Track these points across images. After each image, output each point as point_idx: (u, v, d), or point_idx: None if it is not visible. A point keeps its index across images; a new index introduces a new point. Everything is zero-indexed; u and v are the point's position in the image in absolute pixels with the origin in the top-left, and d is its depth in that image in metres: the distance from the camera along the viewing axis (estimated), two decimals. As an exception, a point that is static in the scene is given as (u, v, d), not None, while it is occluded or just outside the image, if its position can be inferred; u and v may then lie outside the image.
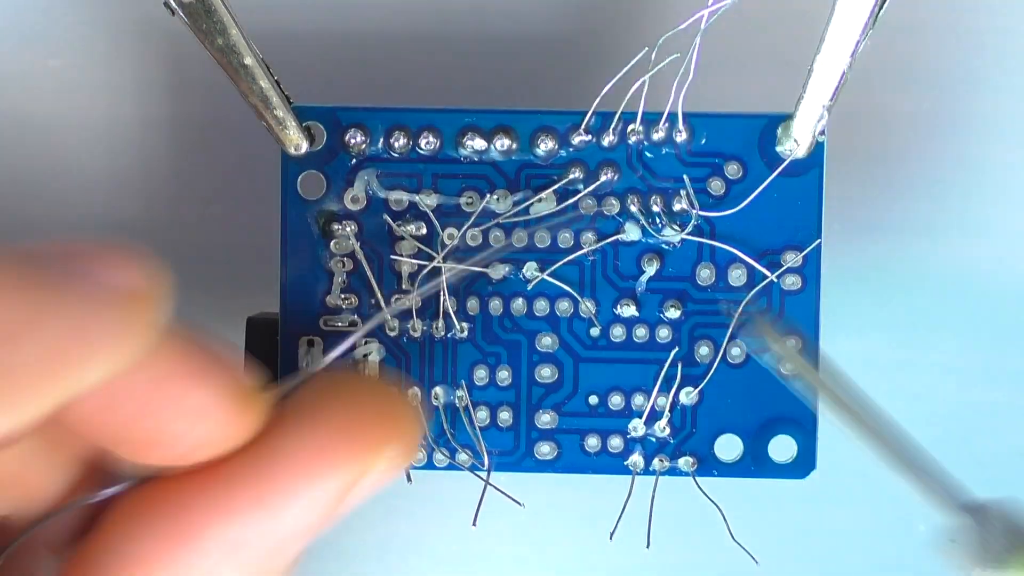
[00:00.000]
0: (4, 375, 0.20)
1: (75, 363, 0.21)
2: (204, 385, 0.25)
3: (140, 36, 0.35)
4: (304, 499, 0.25)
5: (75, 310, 0.21)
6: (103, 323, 0.21)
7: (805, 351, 0.31)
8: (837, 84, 0.29)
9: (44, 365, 0.21)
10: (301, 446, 0.26)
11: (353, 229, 0.32)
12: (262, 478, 0.25)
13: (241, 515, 0.25)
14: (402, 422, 0.27)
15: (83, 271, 0.21)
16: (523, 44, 0.35)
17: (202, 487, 0.25)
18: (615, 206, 0.32)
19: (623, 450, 0.33)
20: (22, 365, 0.20)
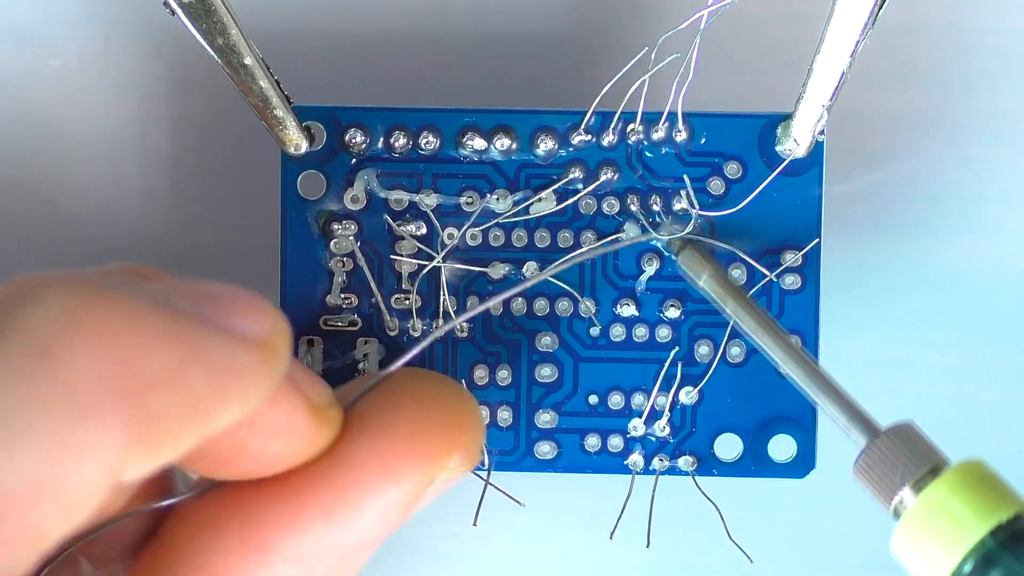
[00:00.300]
0: (150, 422, 0.21)
1: (214, 409, 0.22)
2: (287, 402, 0.25)
3: (140, 36, 0.35)
4: (372, 509, 0.26)
5: (215, 359, 0.22)
6: (240, 371, 0.22)
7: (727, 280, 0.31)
8: (837, 84, 0.29)
9: (186, 411, 0.21)
10: (369, 456, 0.26)
11: (353, 229, 0.32)
12: (331, 489, 0.25)
13: (310, 527, 0.25)
14: (468, 428, 0.27)
15: (220, 320, 0.22)
16: (523, 44, 0.35)
17: (271, 498, 0.25)
18: (615, 206, 0.32)
19: (623, 449, 0.33)
20: (166, 412, 0.21)
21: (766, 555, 0.35)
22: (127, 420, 0.20)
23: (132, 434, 0.20)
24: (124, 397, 0.20)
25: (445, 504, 0.36)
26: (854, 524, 0.36)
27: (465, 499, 0.33)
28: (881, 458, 0.27)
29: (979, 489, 0.26)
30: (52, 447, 0.20)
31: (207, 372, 0.22)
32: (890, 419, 0.36)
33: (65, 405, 0.20)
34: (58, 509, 0.20)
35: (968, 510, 0.26)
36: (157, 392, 0.21)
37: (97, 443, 0.20)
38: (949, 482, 0.26)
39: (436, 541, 0.37)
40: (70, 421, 0.20)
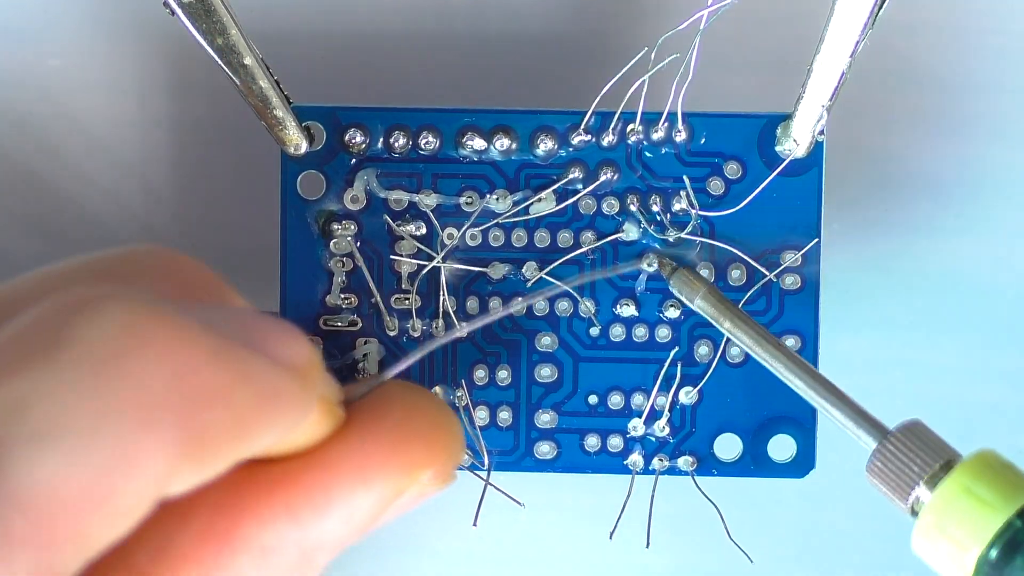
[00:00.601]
0: (199, 438, 0.21)
1: (256, 430, 0.22)
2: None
3: (140, 36, 0.35)
4: (338, 512, 0.25)
5: (259, 382, 0.22)
6: (280, 395, 0.23)
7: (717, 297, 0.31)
8: (836, 84, 0.29)
9: (231, 430, 0.22)
10: (344, 459, 0.26)
11: (353, 229, 0.32)
12: (301, 487, 0.25)
13: (274, 522, 0.25)
14: (447, 446, 0.27)
15: (262, 345, 0.23)
16: (522, 44, 0.35)
17: (242, 487, 0.25)
18: (615, 206, 0.32)
19: (623, 449, 0.33)
20: (214, 430, 0.21)
21: (766, 555, 0.35)
22: (179, 435, 0.21)
23: (182, 448, 0.21)
24: (177, 413, 0.21)
25: (445, 504, 0.36)
26: (854, 524, 0.37)
27: (465, 499, 0.33)
28: (894, 457, 0.27)
29: (1000, 475, 0.26)
30: (108, 457, 0.20)
31: (252, 394, 0.22)
32: (890, 419, 0.36)
33: (122, 417, 0.20)
34: (108, 517, 0.20)
35: (993, 493, 0.26)
36: (207, 410, 0.21)
37: (150, 456, 0.20)
38: (970, 470, 0.26)
39: (436, 540, 0.37)
40: (127, 432, 0.20)
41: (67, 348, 0.20)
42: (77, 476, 0.20)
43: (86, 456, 0.20)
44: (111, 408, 0.20)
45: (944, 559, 0.26)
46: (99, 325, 0.21)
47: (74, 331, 0.21)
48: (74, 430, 0.20)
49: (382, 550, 0.37)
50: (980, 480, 0.26)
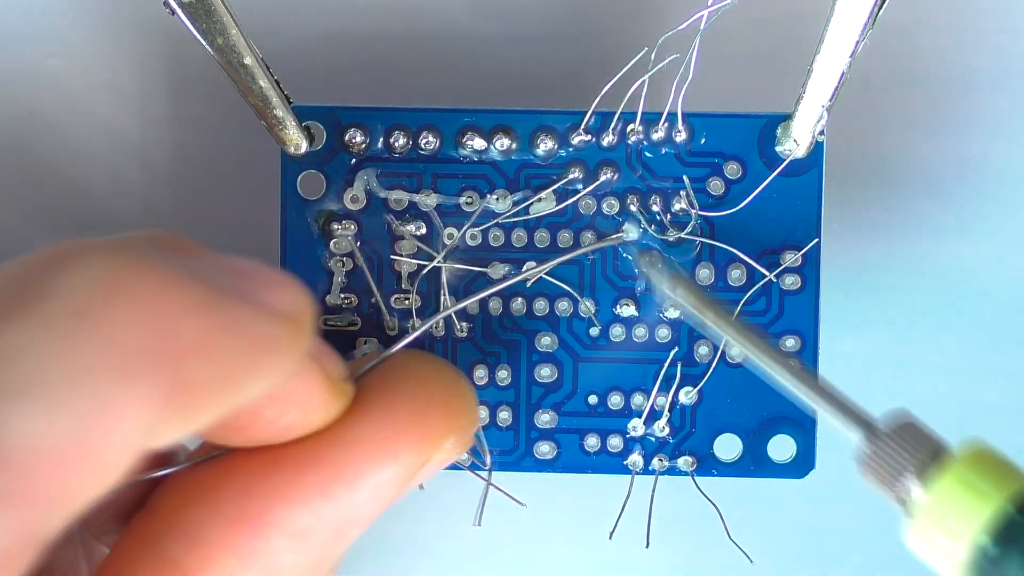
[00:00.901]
0: (184, 388, 0.21)
1: (245, 379, 0.22)
2: (307, 373, 0.25)
3: (140, 36, 0.35)
4: (368, 486, 0.26)
5: (247, 330, 0.22)
6: (270, 343, 0.23)
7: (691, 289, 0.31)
8: (836, 84, 0.29)
9: (219, 380, 0.22)
10: (369, 434, 0.26)
11: (353, 229, 0.32)
12: (329, 465, 0.26)
13: (307, 501, 0.26)
14: (465, 411, 0.28)
15: (251, 293, 0.23)
16: (522, 44, 0.35)
17: (269, 471, 0.25)
18: (615, 206, 0.32)
19: (622, 450, 0.33)
20: (200, 379, 0.21)
21: (766, 555, 0.35)
22: (162, 385, 0.21)
23: (166, 400, 0.21)
24: (160, 363, 0.21)
25: (444, 503, 0.36)
26: (854, 524, 0.37)
27: (464, 498, 0.33)
28: (884, 450, 0.27)
29: (991, 465, 0.26)
30: (89, 408, 0.20)
31: (240, 342, 0.22)
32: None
33: (103, 367, 0.20)
34: (91, 471, 0.20)
35: (985, 482, 0.26)
36: (192, 359, 0.21)
37: (133, 406, 0.20)
38: (961, 461, 0.26)
39: (435, 540, 0.37)
40: (107, 383, 0.20)
41: (45, 300, 0.20)
42: (57, 430, 0.19)
43: (65, 410, 0.20)
44: (90, 360, 0.20)
45: (937, 551, 0.26)
46: (78, 275, 0.21)
47: (54, 282, 0.21)
48: (53, 384, 0.20)
49: (381, 550, 0.37)
50: (972, 470, 0.26)
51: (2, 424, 0.19)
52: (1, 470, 0.19)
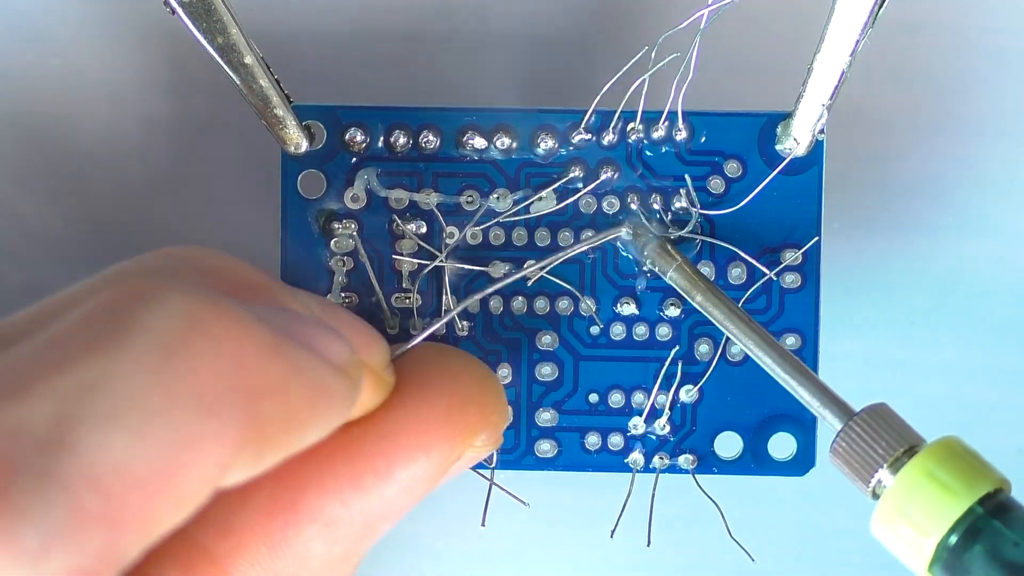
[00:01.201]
0: (258, 428, 0.22)
1: (308, 423, 0.24)
2: None
3: (140, 35, 0.35)
4: (400, 479, 0.26)
5: (311, 378, 0.24)
6: (329, 391, 0.24)
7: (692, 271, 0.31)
8: (837, 83, 0.29)
9: (287, 422, 0.23)
10: (403, 427, 0.27)
11: (353, 228, 0.32)
12: (363, 456, 0.26)
13: (339, 492, 0.26)
14: (498, 407, 0.28)
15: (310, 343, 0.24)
16: (524, 43, 0.35)
17: (301, 460, 0.25)
18: (615, 205, 0.32)
19: (623, 448, 0.33)
20: (271, 421, 0.22)
21: (767, 553, 0.35)
22: (241, 422, 0.22)
23: (243, 437, 0.22)
24: (239, 401, 0.22)
25: (445, 503, 0.36)
26: (854, 522, 0.36)
27: (465, 498, 0.33)
28: (858, 439, 0.27)
29: (963, 461, 0.26)
30: (175, 439, 0.21)
31: (305, 388, 0.23)
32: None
33: (189, 402, 0.21)
34: (171, 500, 0.21)
35: (955, 479, 0.26)
36: (265, 400, 0.22)
37: (213, 441, 0.21)
38: (933, 455, 0.26)
39: (436, 540, 0.37)
40: (192, 417, 0.21)
41: (134, 335, 0.21)
42: (145, 456, 0.20)
43: (154, 438, 0.20)
44: (177, 393, 0.21)
45: (903, 544, 0.26)
46: (163, 314, 0.22)
47: (139, 319, 0.21)
48: (142, 413, 0.20)
49: (382, 550, 0.37)
50: (943, 466, 0.26)
51: (96, 447, 0.20)
52: (94, 489, 0.20)
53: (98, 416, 0.20)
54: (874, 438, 0.27)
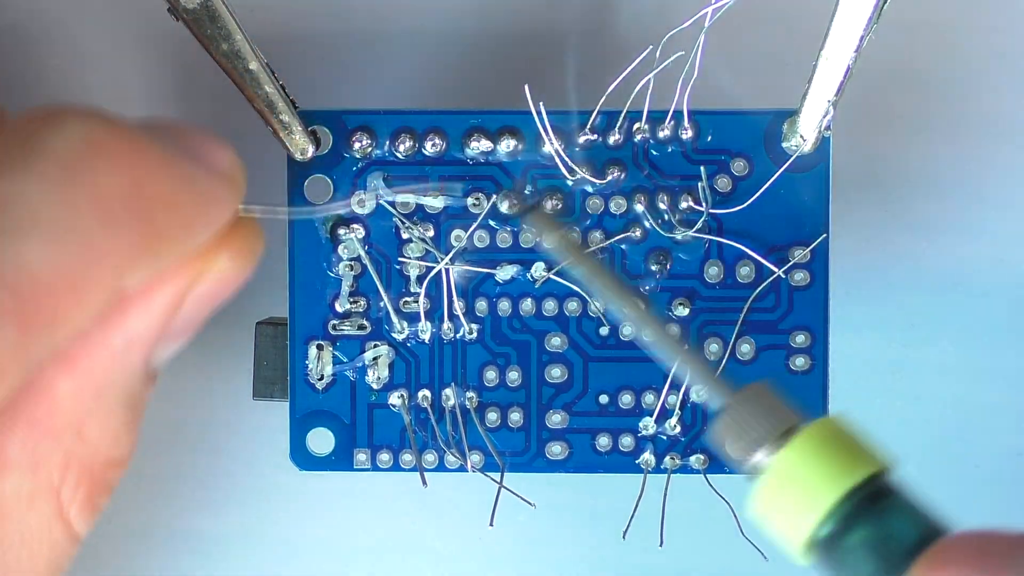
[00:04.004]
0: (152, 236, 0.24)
1: (198, 229, 0.26)
2: None
3: (145, 41, 0.35)
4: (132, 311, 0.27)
5: (199, 186, 0.26)
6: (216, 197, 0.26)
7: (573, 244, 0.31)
8: (842, 79, 0.29)
9: (178, 230, 0.25)
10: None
11: (360, 233, 0.32)
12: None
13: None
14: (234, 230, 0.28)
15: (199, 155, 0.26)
16: (526, 43, 0.35)
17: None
18: (622, 205, 0.32)
19: (634, 449, 0.33)
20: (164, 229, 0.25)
21: (777, 552, 0.35)
22: (138, 231, 0.24)
23: (140, 246, 0.24)
24: (135, 213, 0.24)
25: (446, 503, 0.36)
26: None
27: (466, 499, 0.33)
28: (738, 420, 0.27)
29: (832, 451, 0.26)
30: (80, 246, 0.23)
31: (195, 197, 0.26)
32: (889, 420, 0.36)
33: (90, 214, 0.23)
34: (77, 303, 0.23)
35: (819, 475, 0.25)
36: (158, 211, 0.24)
37: (114, 249, 0.24)
38: (802, 445, 0.26)
39: (436, 540, 0.37)
40: (94, 227, 0.23)
41: (40, 155, 0.23)
42: (53, 262, 0.23)
43: (61, 246, 0.23)
44: (80, 207, 0.23)
45: (779, 527, 0.26)
46: (65, 135, 0.24)
47: (44, 140, 0.24)
48: (51, 225, 0.23)
49: (382, 550, 0.37)
50: (820, 450, 0.26)
51: (9, 253, 0.22)
52: (8, 290, 0.22)
53: (11, 228, 0.22)
54: (754, 418, 0.27)
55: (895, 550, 0.25)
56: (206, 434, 0.37)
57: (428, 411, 0.33)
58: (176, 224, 0.25)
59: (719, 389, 0.28)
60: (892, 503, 0.25)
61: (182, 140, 0.26)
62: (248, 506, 0.37)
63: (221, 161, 0.27)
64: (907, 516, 0.25)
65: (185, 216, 0.25)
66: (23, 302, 0.22)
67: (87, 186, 0.23)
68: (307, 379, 0.33)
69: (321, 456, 0.33)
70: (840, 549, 0.25)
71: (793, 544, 0.26)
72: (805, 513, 0.25)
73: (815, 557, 0.26)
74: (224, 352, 0.36)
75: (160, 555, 0.37)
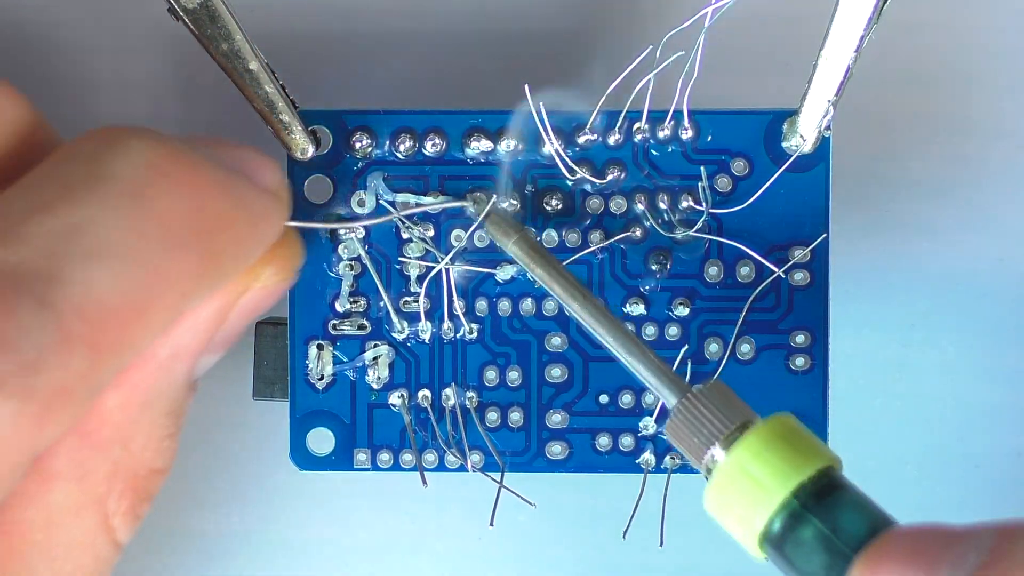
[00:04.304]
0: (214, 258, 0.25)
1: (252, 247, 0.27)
2: None
3: (146, 41, 0.35)
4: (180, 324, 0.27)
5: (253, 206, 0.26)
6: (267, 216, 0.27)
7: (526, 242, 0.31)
8: (842, 79, 0.29)
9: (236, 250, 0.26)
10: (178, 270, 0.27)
11: (360, 232, 0.32)
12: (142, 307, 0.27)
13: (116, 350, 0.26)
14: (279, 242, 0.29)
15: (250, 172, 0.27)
16: (527, 43, 0.35)
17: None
18: (622, 205, 0.32)
19: (634, 448, 0.33)
20: (223, 250, 0.25)
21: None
22: (199, 254, 0.25)
23: (202, 267, 0.25)
24: (198, 235, 0.25)
25: (446, 503, 0.36)
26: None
27: (466, 499, 0.33)
28: (691, 417, 0.27)
29: (782, 448, 0.26)
30: (147, 272, 0.24)
31: (248, 217, 0.26)
32: (889, 420, 0.36)
33: (156, 238, 0.24)
34: (143, 328, 0.24)
35: (769, 472, 0.26)
36: (218, 232, 0.25)
37: (178, 273, 0.24)
38: (752, 443, 0.26)
39: (436, 540, 0.37)
40: (159, 252, 0.24)
41: (106, 181, 0.24)
42: (122, 289, 0.23)
43: (130, 272, 0.23)
44: (146, 233, 0.24)
45: (733, 523, 0.26)
46: (129, 161, 0.24)
47: (108, 165, 0.24)
48: (119, 250, 0.23)
49: (382, 550, 0.37)
50: (761, 456, 0.26)
51: (80, 281, 0.23)
52: (80, 317, 0.23)
53: (80, 255, 0.23)
54: (707, 415, 0.27)
55: (844, 544, 0.25)
56: (206, 434, 0.37)
57: (428, 411, 0.33)
58: (233, 243, 0.26)
59: (674, 386, 0.28)
60: (840, 498, 0.26)
61: (232, 159, 0.27)
62: (248, 506, 0.37)
63: (270, 179, 0.27)
64: (855, 510, 0.25)
65: (241, 235, 0.26)
66: (93, 328, 0.23)
67: (152, 211, 0.24)
68: (307, 379, 0.33)
69: (321, 456, 0.33)
70: (791, 543, 0.25)
71: (747, 540, 0.26)
72: (757, 509, 0.26)
73: (769, 552, 0.26)
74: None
75: (160, 555, 0.37)
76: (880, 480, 0.36)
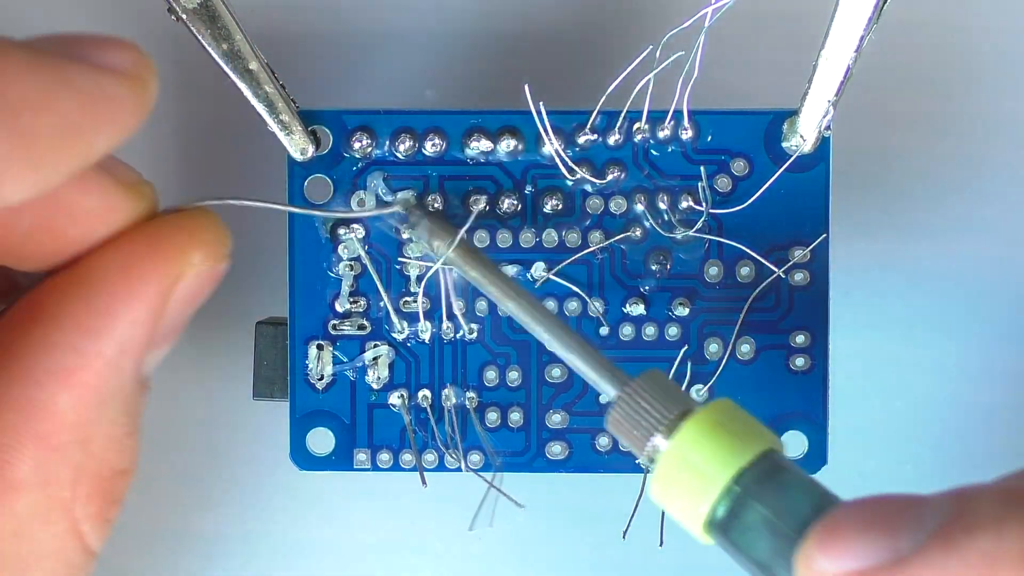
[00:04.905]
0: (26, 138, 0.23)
1: (88, 131, 0.24)
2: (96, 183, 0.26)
3: (145, 41, 0.35)
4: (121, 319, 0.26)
5: (82, 86, 0.24)
6: (110, 97, 0.24)
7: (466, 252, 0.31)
8: (842, 79, 0.29)
9: (62, 132, 0.23)
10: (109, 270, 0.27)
11: (361, 233, 0.32)
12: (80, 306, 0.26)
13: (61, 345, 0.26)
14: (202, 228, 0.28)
15: (84, 55, 0.25)
16: (526, 43, 0.35)
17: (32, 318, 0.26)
18: (622, 205, 0.32)
19: (634, 449, 0.33)
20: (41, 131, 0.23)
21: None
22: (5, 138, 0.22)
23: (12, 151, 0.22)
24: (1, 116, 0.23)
25: (446, 503, 0.36)
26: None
27: (466, 499, 0.33)
28: (632, 407, 0.27)
29: (721, 434, 0.26)
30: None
31: (76, 97, 0.24)
32: (887, 421, 0.36)
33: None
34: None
35: (709, 459, 0.26)
36: (28, 113, 0.23)
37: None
38: (691, 431, 0.26)
39: (436, 540, 0.37)
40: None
41: None
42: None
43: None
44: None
45: (678, 511, 0.26)
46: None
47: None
48: None
49: (382, 550, 0.37)
50: (701, 443, 0.26)
51: None
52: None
53: None
54: (649, 404, 0.27)
55: (789, 524, 0.25)
56: (206, 434, 0.37)
57: (428, 411, 0.33)
58: (56, 127, 0.23)
59: (613, 378, 0.28)
60: (783, 479, 0.25)
61: (66, 44, 0.25)
62: (248, 506, 0.37)
63: (116, 60, 0.25)
64: (798, 491, 0.25)
65: (66, 118, 0.24)
66: None
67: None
68: (307, 379, 0.33)
69: (321, 456, 0.33)
70: (737, 530, 0.25)
71: (693, 528, 0.26)
72: (701, 495, 0.26)
73: (717, 539, 0.26)
74: (224, 352, 0.36)
75: (160, 555, 0.37)
76: (880, 480, 0.36)
